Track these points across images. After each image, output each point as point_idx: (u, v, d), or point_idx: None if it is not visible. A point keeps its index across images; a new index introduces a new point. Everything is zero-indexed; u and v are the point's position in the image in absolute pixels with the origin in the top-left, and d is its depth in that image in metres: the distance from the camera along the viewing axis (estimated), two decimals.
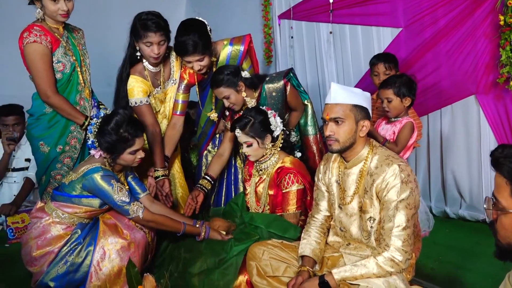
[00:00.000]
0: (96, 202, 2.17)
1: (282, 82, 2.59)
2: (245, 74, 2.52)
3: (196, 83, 2.68)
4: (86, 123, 2.42)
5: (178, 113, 2.65)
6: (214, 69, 2.61)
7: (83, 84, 2.50)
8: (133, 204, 2.14)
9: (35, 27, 2.34)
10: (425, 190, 3.58)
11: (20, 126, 3.37)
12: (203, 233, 2.28)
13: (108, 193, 2.10)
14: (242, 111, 2.53)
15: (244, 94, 2.52)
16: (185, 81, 2.64)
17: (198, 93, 2.74)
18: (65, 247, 2.13)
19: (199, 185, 2.58)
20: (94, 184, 2.10)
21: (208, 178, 2.59)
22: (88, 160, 2.24)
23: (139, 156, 2.23)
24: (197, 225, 2.33)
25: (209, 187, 2.60)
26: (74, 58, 2.45)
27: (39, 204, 2.30)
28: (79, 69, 2.47)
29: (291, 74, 2.68)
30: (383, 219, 1.76)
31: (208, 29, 2.50)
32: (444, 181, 3.48)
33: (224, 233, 2.32)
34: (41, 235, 2.15)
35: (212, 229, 2.32)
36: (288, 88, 2.61)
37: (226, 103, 2.52)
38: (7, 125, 3.35)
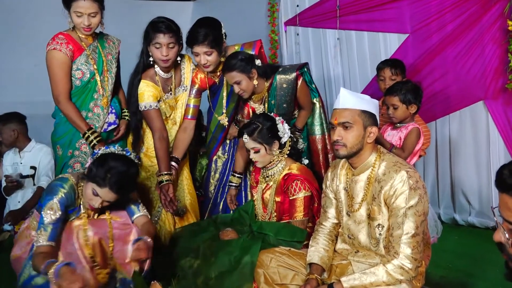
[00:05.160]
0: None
1: (294, 74, 2.58)
2: (259, 62, 2.52)
3: (208, 88, 2.70)
4: (88, 134, 2.43)
5: (189, 117, 2.69)
6: None
7: (100, 93, 2.52)
8: (40, 231, 1.97)
9: (59, 35, 2.42)
10: (434, 197, 3.55)
11: (6, 134, 3.32)
12: None
13: (45, 201, 2.01)
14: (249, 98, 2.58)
15: (255, 82, 2.51)
16: (196, 86, 2.67)
17: (209, 97, 2.75)
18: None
19: (231, 184, 2.70)
20: (48, 187, 2.08)
21: (236, 174, 2.70)
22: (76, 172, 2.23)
23: (94, 201, 2.02)
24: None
25: (240, 182, 2.73)
26: (95, 67, 2.49)
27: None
28: (98, 78, 2.50)
29: (305, 69, 2.68)
30: (392, 226, 1.74)
31: (223, 31, 2.53)
32: (453, 188, 3.45)
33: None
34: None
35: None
36: (300, 82, 2.60)
37: (236, 89, 2.51)
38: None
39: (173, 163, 2.61)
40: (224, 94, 2.71)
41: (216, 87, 2.72)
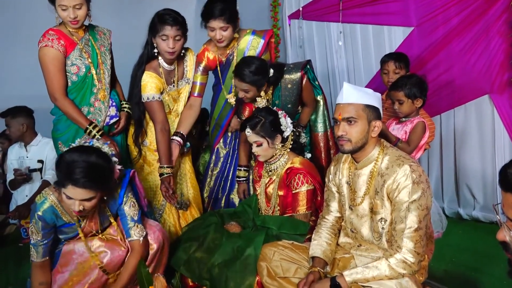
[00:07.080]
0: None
1: (299, 74, 2.57)
2: (271, 72, 2.50)
3: (218, 66, 2.68)
4: (90, 128, 2.39)
5: (195, 94, 2.70)
6: (235, 54, 2.63)
7: (98, 86, 2.49)
8: (32, 249, 2.00)
9: (50, 32, 2.37)
10: (438, 191, 3.54)
11: (15, 128, 3.35)
12: None
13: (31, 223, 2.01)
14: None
15: (263, 94, 2.53)
16: (203, 63, 2.66)
17: (219, 72, 2.70)
18: None
19: (239, 179, 2.70)
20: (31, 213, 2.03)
21: (242, 168, 2.70)
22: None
23: (72, 205, 1.85)
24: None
25: (247, 175, 2.71)
26: (89, 60, 2.45)
27: None
28: (94, 71, 2.47)
29: (308, 67, 2.67)
30: (395, 220, 1.74)
31: (237, 7, 2.52)
32: (457, 182, 3.44)
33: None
34: None
35: None
36: (304, 81, 2.59)
37: (241, 94, 2.51)
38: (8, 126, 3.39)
39: (178, 138, 2.61)
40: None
41: (223, 67, 2.69)
